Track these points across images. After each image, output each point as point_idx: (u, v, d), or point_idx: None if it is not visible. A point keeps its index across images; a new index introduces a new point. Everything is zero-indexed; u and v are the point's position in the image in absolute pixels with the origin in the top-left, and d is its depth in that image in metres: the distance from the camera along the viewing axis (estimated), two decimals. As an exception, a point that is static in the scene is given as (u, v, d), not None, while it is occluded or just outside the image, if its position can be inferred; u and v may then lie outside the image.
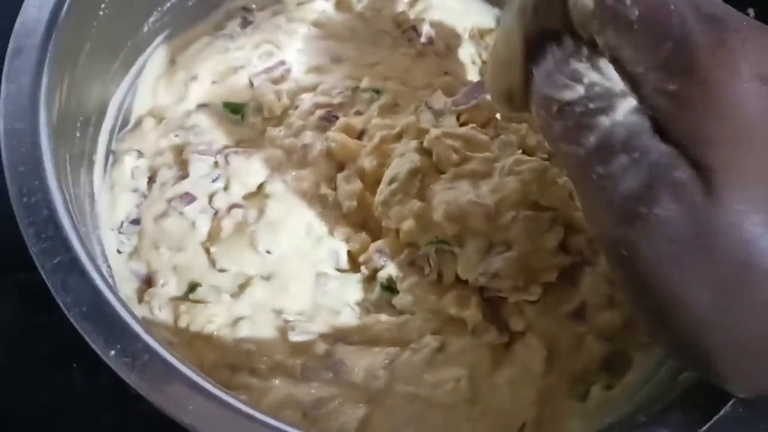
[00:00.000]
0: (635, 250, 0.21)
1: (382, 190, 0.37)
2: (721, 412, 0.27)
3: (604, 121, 0.21)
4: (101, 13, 0.35)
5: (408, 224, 0.35)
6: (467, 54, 0.48)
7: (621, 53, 0.20)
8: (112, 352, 0.24)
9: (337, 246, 0.36)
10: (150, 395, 0.24)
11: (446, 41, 0.47)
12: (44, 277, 0.25)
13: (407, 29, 0.46)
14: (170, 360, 0.25)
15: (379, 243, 0.36)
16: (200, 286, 0.34)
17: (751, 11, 0.62)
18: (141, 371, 0.24)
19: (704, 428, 0.27)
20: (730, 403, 0.26)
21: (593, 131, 0.21)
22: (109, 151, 0.38)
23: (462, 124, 0.41)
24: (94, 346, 0.24)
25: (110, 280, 0.33)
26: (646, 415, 0.27)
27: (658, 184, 0.20)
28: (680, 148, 0.20)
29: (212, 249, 0.35)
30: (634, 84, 0.21)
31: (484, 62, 0.48)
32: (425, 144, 0.38)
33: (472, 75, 0.47)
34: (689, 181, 0.20)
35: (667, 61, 0.20)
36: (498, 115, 0.40)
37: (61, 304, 0.25)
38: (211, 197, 0.36)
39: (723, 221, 0.19)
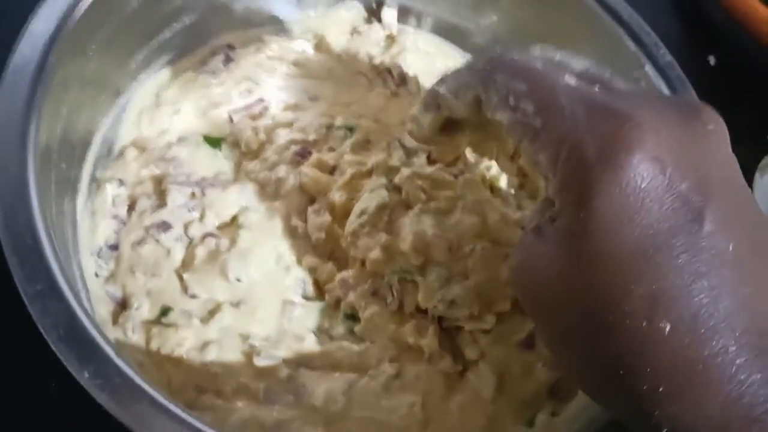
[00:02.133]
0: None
1: (352, 222, 0.39)
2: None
3: None
4: (90, 53, 0.37)
5: (375, 253, 0.37)
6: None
7: (537, 158, 0.24)
8: (86, 374, 0.26)
9: (305, 275, 0.39)
10: (119, 414, 0.26)
11: (419, 82, 0.50)
12: (26, 302, 0.27)
13: (382, 71, 0.49)
14: (138, 382, 0.27)
15: (344, 273, 0.39)
16: (172, 310, 0.36)
17: (711, 58, 0.66)
18: (111, 392, 0.26)
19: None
20: None
21: None
22: (92, 179, 0.40)
23: (431, 161, 0.43)
24: (69, 368, 0.27)
25: (87, 303, 0.35)
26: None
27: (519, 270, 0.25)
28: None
29: (185, 275, 0.37)
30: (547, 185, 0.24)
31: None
32: (397, 181, 0.41)
33: (444, 114, 0.49)
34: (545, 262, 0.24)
35: (564, 164, 0.22)
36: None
37: (40, 328, 0.27)
38: (186, 226, 0.38)
39: (578, 292, 0.23)
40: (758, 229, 0.24)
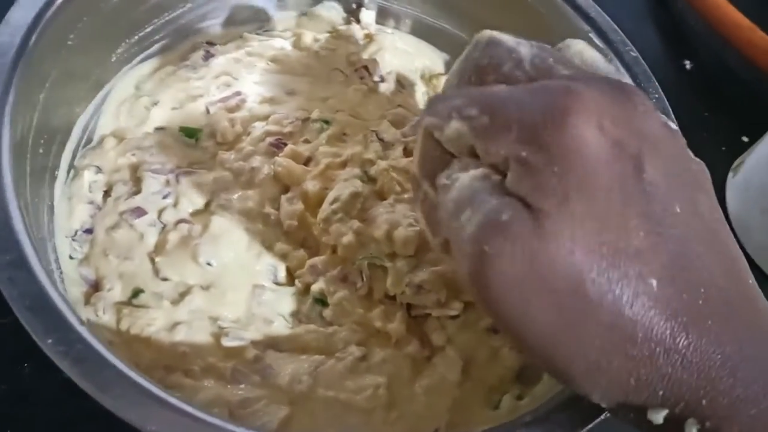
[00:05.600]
0: (483, 282, 0.23)
1: (325, 209, 0.40)
2: (602, 416, 0.30)
3: (453, 192, 0.25)
4: (70, 42, 0.38)
5: (348, 238, 0.38)
6: (419, 91, 0.52)
7: (490, 150, 0.24)
8: (49, 341, 0.27)
9: (276, 261, 0.39)
10: (80, 381, 0.27)
11: (398, 79, 0.51)
12: (-7, 273, 0.28)
13: (359, 68, 0.50)
14: (100, 350, 0.27)
15: (314, 259, 0.39)
16: (143, 292, 0.36)
17: (687, 63, 0.67)
18: (74, 359, 0.27)
19: (585, 429, 0.30)
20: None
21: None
22: (71, 167, 0.41)
23: (408, 155, 0.44)
24: (33, 335, 0.27)
25: (61, 284, 0.36)
26: (532, 415, 0.30)
27: (488, 227, 0.23)
28: (521, 200, 0.23)
29: (157, 259, 0.37)
30: (500, 166, 0.24)
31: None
32: (372, 173, 0.42)
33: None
34: (516, 223, 0.22)
35: (517, 139, 0.23)
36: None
37: (7, 297, 0.28)
38: (160, 212, 0.39)
39: (553, 255, 0.22)
40: (696, 190, 0.25)
